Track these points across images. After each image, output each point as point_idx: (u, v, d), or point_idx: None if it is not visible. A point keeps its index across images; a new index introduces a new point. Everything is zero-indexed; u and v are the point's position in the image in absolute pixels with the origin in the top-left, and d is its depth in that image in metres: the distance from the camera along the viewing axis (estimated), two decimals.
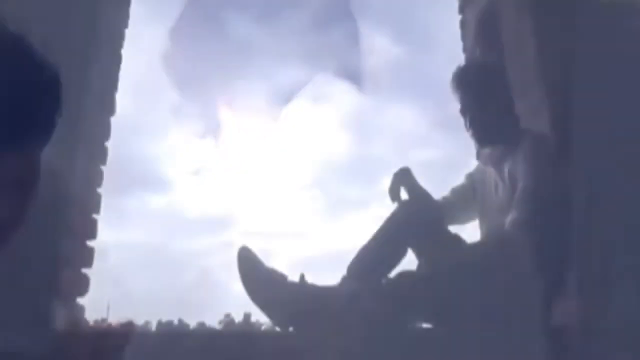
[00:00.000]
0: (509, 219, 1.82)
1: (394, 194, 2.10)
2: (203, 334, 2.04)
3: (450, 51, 3.21)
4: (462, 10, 2.99)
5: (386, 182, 2.18)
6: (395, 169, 2.07)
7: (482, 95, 2.04)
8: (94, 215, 2.05)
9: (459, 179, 2.34)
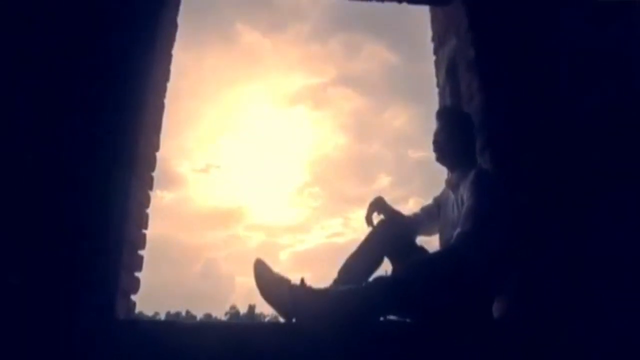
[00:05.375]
0: (455, 232, 2.13)
1: (368, 219, 2.53)
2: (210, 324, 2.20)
3: None
4: (436, 51, 3.35)
5: (383, 179, 2.63)
6: (391, 165, 2.44)
7: (457, 129, 2.48)
8: (144, 231, 2.38)
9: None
